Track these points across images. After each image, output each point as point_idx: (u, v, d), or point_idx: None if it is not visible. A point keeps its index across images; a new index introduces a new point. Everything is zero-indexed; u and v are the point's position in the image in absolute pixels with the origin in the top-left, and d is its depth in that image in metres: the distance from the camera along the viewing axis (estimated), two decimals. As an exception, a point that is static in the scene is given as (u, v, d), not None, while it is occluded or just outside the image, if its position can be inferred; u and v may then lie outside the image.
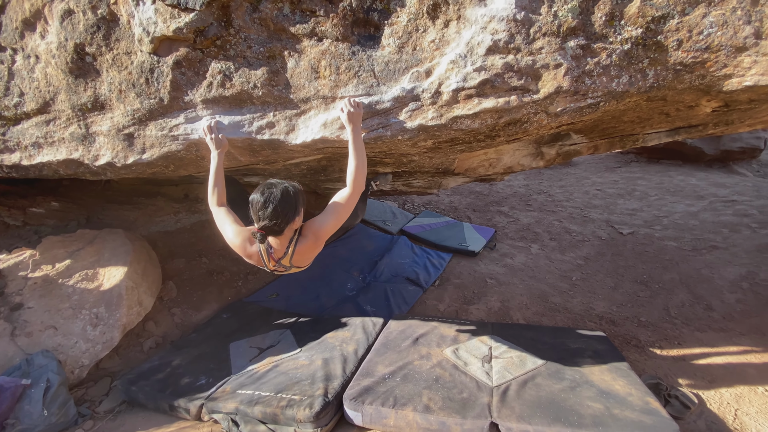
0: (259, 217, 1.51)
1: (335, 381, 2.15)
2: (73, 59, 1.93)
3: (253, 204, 1.54)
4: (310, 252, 1.68)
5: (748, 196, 5.44)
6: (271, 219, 1.50)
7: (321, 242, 1.68)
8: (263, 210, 1.49)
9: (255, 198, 1.53)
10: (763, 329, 2.92)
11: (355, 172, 1.64)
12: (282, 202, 1.51)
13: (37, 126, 2.15)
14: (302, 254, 1.67)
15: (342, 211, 1.64)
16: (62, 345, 2.56)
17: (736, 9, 1.48)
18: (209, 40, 1.75)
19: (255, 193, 1.55)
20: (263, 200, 1.50)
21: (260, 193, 1.52)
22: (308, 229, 1.65)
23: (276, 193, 1.51)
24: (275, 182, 1.58)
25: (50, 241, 3.14)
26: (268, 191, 1.52)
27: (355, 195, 1.66)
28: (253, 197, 1.55)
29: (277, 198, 1.50)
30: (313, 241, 1.64)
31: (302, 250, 1.65)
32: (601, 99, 1.64)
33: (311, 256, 1.73)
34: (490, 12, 1.52)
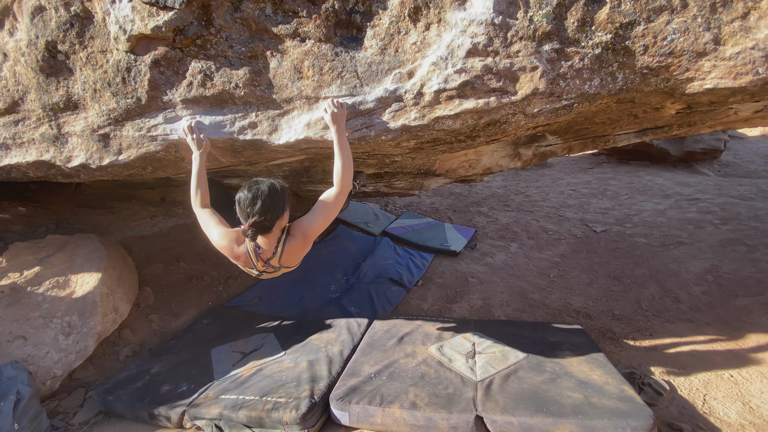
0: (248, 213, 1.50)
1: (321, 382, 2.15)
2: (44, 57, 1.87)
3: (240, 202, 1.52)
4: (299, 251, 1.68)
5: (711, 194, 5.75)
6: (261, 215, 1.49)
7: (309, 241, 1.68)
8: (252, 206, 1.48)
9: (242, 195, 1.52)
10: (727, 319, 3.09)
11: (342, 171, 1.65)
12: (270, 197, 1.51)
13: (4, 126, 2.06)
14: (291, 254, 1.66)
15: (330, 209, 1.65)
16: (32, 356, 2.44)
17: (696, 17, 1.58)
18: (189, 39, 1.73)
19: (241, 191, 1.54)
20: (251, 196, 1.49)
21: (247, 190, 1.52)
22: (296, 229, 1.65)
23: (263, 189, 1.51)
24: (260, 179, 1.58)
25: (17, 248, 3.00)
26: (255, 187, 1.51)
27: (342, 194, 1.67)
28: (240, 195, 1.54)
29: (265, 193, 1.50)
30: (301, 241, 1.64)
31: (291, 249, 1.64)
32: (575, 100, 1.72)
33: (300, 255, 1.73)
34: (469, 16, 1.57)
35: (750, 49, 1.58)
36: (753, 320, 3.03)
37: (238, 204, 1.54)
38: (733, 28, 1.58)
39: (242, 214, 1.54)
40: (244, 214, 1.52)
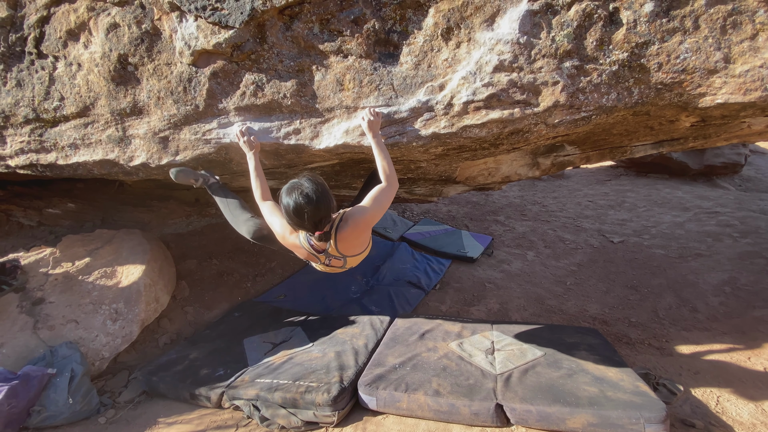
0: (299, 222, 1.57)
1: (349, 370, 2.30)
2: (116, 68, 2.11)
3: (290, 209, 1.55)
4: (353, 239, 1.69)
5: (730, 208, 5.74)
6: (313, 220, 1.55)
7: (363, 229, 1.70)
8: (301, 215, 1.53)
9: (290, 203, 1.55)
10: (743, 329, 3.13)
11: (387, 169, 1.77)
12: (318, 200, 1.54)
13: (75, 128, 2.31)
14: (346, 242, 1.68)
15: (383, 201, 1.71)
16: (83, 338, 2.67)
17: (707, 37, 1.72)
18: (245, 54, 1.95)
19: (288, 197, 1.56)
20: (303, 201, 1.52)
21: (298, 195, 1.54)
22: (348, 217, 1.69)
23: (311, 195, 1.54)
24: (301, 182, 1.58)
25: (70, 240, 3.27)
26: (299, 192, 1.54)
27: (391, 188, 1.74)
28: (287, 202, 1.56)
29: (313, 200, 1.53)
30: (352, 228, 1.66)
31: (344, 237, 1.66)
32: (593, 113, 1.86)
33: (357, 243, 1.74)
34: (496, 36, 1.74)
35: (758, 67, 1.70)
36: (770, 331, 3.06)
37: (287, 211, 1.57)
38: (742, 48, 1.71)
39: (292, 221, 1.59)
40: (294, 221, 1.58)
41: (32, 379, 2.29)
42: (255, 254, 4.32)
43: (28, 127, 2.39)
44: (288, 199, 1.57)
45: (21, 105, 2.33)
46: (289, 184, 1.62)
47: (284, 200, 1.59)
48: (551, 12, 1.73)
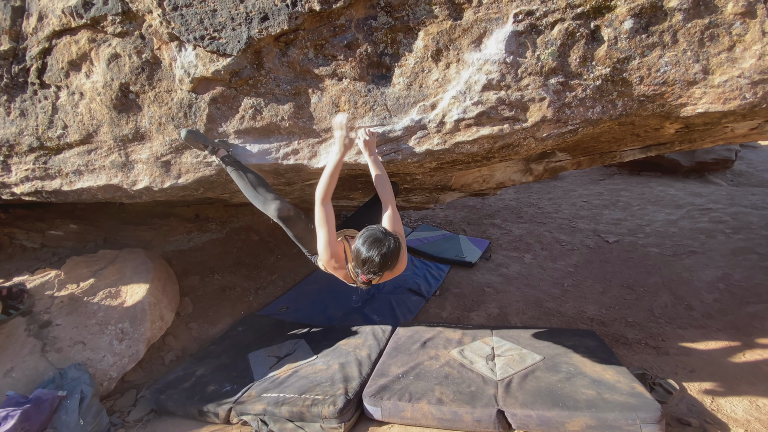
0: (369, 271, 1.64)
1: (353, 382, 2.35)
2: (117, 96, 2.18)
3: (365, 261, 1.62)
4: (398, 270, 1.79)
5: (723, 204, 5.83)
6: (379, 272, 1.65)
7: (404, 257, 1.79)
8: (375, 269, 1.63)
9: (369, 257, 1.61)
10: (738, 325, 3.20)
11: (385, 185, 1.88)
12: (391, 258, 1.64)
13: (78, 155, 2.37)
14: (393, 273, 1.77)
15: (398, 218, 1.89)
16: (91, 359, 2.71)
17: (686, 50, 1.80)
18: (243, 80, 2.02)
19: (366, 249, 1.62)
20: (379, 261, 1.61)
21: (377, 254, 1.61)
22: None
23: (388, 255, 1.62)
24: (384, 239, 1.64)
25: (74, 262, 3.31)
26: (379, 251, 1.61)
27: (395, 204, 1.90)
28: (367, 256, 1.62)
29: (389, 258, 1.63)
30: (400, 264, 1.75)
31: (393, 272, 1.75)
32: (580, 125, 1.94)
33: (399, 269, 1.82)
34: (484, 56, 1.82)
35: (737, 77, 1.79)
36: (764, 326, 3.13)
37: (358, 256, 1.64)
38: (720, 59, 1.79)
39: (361, 267, 1.65)
40: (364, 268, 1.64)
41: (44, 402, 2.34)
42: (256, 267, 4.37)
43: (32, 155, 2.45)
44: (365, 250, 1.64)
45: (25, 134, 2.39)
46: (372, 232, 1.68)
47: (361, 248, 1.65)
48: (535, 32, 1.81)
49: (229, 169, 2.13)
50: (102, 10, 2.05)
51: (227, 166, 2.13)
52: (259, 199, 2.06)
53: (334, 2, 1.83)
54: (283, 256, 4.74)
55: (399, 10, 1.86)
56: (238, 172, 2.11)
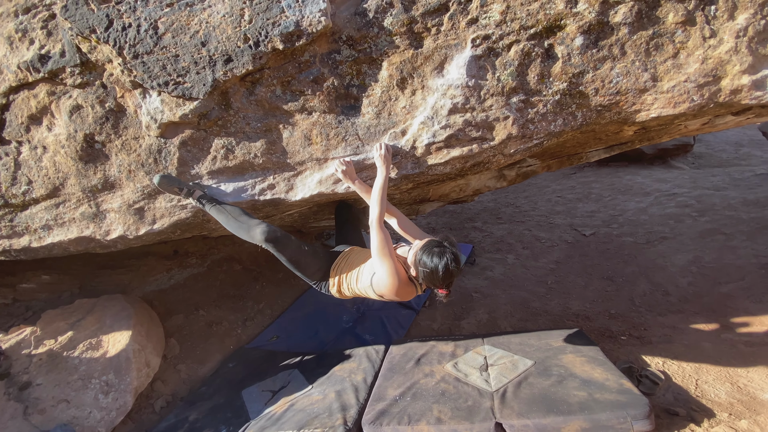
0: (443, 282, 1.75)
1: (351, 410, 2.34)
2: (82, 147, 2.14)
3: (442, 271, 1.70)
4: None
5: (687, 188, 6.12)
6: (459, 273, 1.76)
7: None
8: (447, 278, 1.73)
9: (441, 267, 1.70)
10: (713, 307, 3.36)
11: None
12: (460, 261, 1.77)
13: (46, 209, 2.30)
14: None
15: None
16: (77, 417, 2.60)
17: (634, 61, 1.91)
18: (212, 121, 2.02)
19: (436, 259, 1.71)
20: (455, 267, 1.73)
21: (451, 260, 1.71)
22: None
23: (459, 257, 1.76)
24: (447, 246, 1.76)
25: (49, 315, 3.18)
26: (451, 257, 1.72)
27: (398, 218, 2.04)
28: (438, 266, 1.71)
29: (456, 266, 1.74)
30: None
31: None
32: (544, 138, 2.02)
33: None
34: (447, 81, 1.88)
35: (683, 82, 1.90)
36: (736, 305, 3.30)
37: (434, 272, 1.71)
38: (666, 66, 1.91)
39: (434, 280, 1.74)
40: (438, 282, 1.74)
41: (28, 470, 2.23)
42: (242, 298, 4.30)
43: (-4, 213, 2.36)
44: (437, 260, 1.71)
45: (-13, 193, 2.31)
46: (431, 245, 1.78)
47: (431, 261, 1.72)
48: (493, 54, 1.89)
49: (207, 207, 2.11)
50: (59, 63, 2.02)
51: (205, 205, 2.11)
52: (243, 228, 2.02)
53: (297, 40, 1.86)
54: (268, 284, 4.68)
55: (361, 43, 1.90)
56: (217, 208, 2.09)
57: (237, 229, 2.05)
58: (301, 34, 1.83)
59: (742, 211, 4.87)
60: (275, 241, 1.95)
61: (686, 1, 1.83)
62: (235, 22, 1.85)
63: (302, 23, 1.82)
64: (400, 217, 2.05)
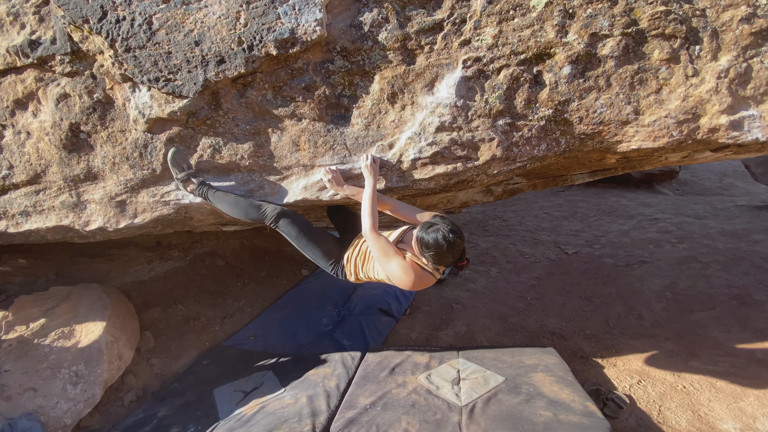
0: (452, 254, 1.74)
1: (321, 416, 2.35)
2: (67, 136, 2.12)
3: (446, 245, 1.70)
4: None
5: (669, 213, 6.27)
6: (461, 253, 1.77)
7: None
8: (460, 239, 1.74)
9: (441, 239, 1.70)
10: (683, 333, 3.44)
11: (382, 198, 1.97)
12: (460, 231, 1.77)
13: (26, 195, 2.27)
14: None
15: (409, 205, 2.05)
16: (43, 406, 2.56)
17: (618, 93, 1.97)
18: (200, 120, 2.02)
19: (435, 237, 1.71)
20: (451, 240, 1.71)
21: (443, 233, 1.71)
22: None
23: (452, 226, 1.75)
24: (436, 224, 1.75)
25: (23, 301, 3.12)
26: (444, 231, 1.71)
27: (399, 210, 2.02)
28: (438, 241, 1.70)
29: (456, 229, 1.76)
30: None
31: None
32: (527, 162, 2.07)
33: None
34: (436, 100, 1.92)
35: (664, 117, 1.96)
36: (706, 333, 3.39)
37: (437, 251, 1.71)
38: (649, 101, 1.97)
39: (444, 259, 1.74)
40: (448, 257, 1.73)
41: (-12, 459, 2.19)
42: (222, 294, 4.27)
43: (-27, 195, 2.32)
44: (434, 236, 1.72)
45: (-35, 174, 2.27)
46: (424, 227, 1.77)
47: (430, 240, 1.72)
48: (483, 77, 1.92)
49: (210, 193, 2.10)
50: (50, 50, 2.00)
51: (207, 191, 2.10)
52: (252, 206, 2.05)
53: (291, 47, 1.87)
54: (250, 281, 4.65)
55: (355, 55, 1.93)
56: (222, 192, 2.10)
57: (246, 208, 2.05)
58: (295, 42, 1.85)
59: (719, 241, 5.00)
60: (286, 215, 2.03)
61: (672, 40, 1.89)
62: (230, 24, 1.86)
63: (297, 31, 1.83)
64: (393, 204, 2.02)
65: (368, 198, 1.88)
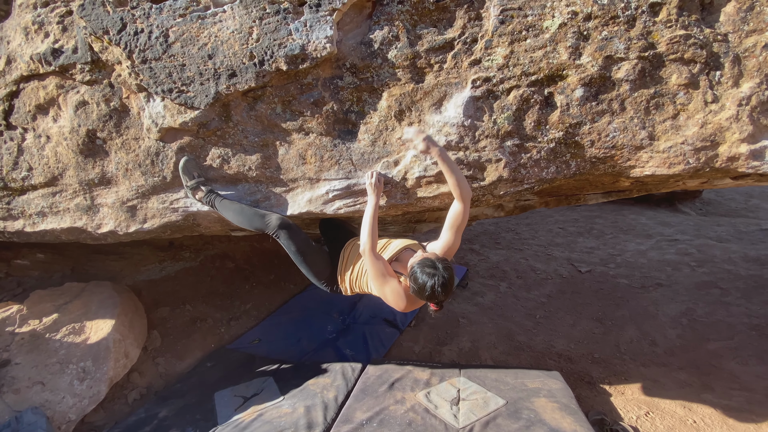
0: (438, 299, 1.71)
1: (317, 429, 2.34)
2: (84, 142, 2.19)
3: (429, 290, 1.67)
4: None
5: (690, 235, 6.05)
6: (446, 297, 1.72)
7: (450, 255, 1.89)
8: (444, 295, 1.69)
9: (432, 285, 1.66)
10: (697, 363, 3.31)
11: (459, 184, 1.77)
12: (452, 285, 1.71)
13: (43, 197, 2.35)
14: None
15: (462, 223, 1.85)
16: (49, 401, 2.63)
17: (633, 118, 1.91)
18: (211, 131, 2.06)
19: (430, 280, 1.67)
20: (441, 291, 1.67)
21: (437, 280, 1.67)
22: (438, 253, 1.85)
23: (446, 283, 1.69)
24: (440, 268, 1.69)
25: (38, 295, 3.23)
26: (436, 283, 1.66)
27: (467, 206, 1.83)
28: (426, 285, 1.67)
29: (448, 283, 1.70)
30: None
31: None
32: (535, 184, 2.03)
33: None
34: (443, 119, 1.90)
35: (680, 144, 1.90)
36: (722, 365, 3.24)
37: (419, 290, 1.69)
38: (665, 126, 1.91)
39: (430, 298, 1.70)
40: (434, 298, 1.70)
41: (-6, 450, 2.26)
42: (230, 296, 4.33)
43: (-5, 194, 2.42)
44: (425, 279, 1.68)
45: (-12, 174, 2.37)
46: (425, 263, 1.73)
47: (421, 279, 1.69)
48: (492, 97, 1.90)
49: (217, 201, 2.14)
50: (71, 59, 2.07)
51: (215, 199, 2.14)
52: (257, 216, 2.08)
53: (301, 63, 1.89)
54: (258, 284, 4.70)
55: (364, 72, 1.93)
56: (228, 201, 2.14)
57: (251, 217, 2.08)
58: (305, 58, 1.87)
59: (741, 267, 4.80)
60: (289, 227, 2.06)
61: (691, 64, 1.84)
62: (243, 39, 1.89)
63: (308, 47, 1.85)
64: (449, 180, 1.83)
65: (369, 217, 1.88)
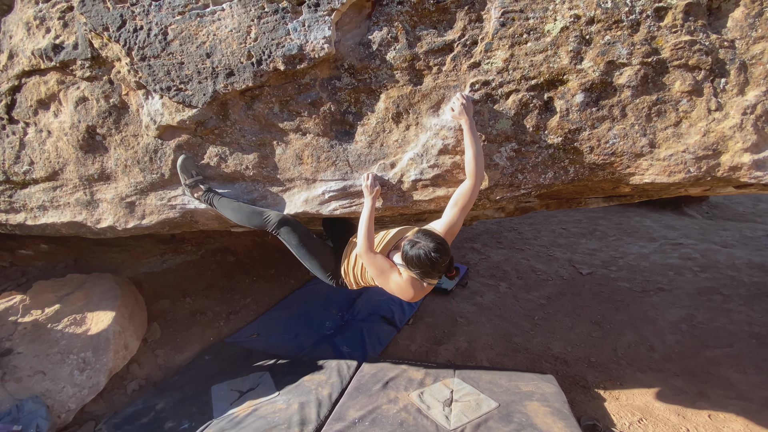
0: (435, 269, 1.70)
1: (310, 425, 2.37)
2: (84, 137, 2.20)
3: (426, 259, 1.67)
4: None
5: (694, 239, 5.99)
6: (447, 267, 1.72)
7: (453, 236, 1.87)
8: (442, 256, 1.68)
9: (425, 252, 1.66)
10: (695, 370, 3.29)
11: (475, 160, 1.74)
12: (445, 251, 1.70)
13: (44, 191, 2.38)
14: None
15: (468, 203, 1.82)
16: (50, 390, 2.69)
17: (634, 124, 1.88)
18: (208, 129, 2.06)
19: (420, 251, 1.67)
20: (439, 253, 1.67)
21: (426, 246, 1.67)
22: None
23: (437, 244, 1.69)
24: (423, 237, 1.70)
25: (40, 286, 3.29)
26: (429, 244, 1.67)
27: (476, 186, 1.79)
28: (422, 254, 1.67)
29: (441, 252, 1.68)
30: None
31: None
32: (532, 189, 2.01)
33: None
34: (441, 122, 1.89)
35: (681, 152, 1.87)
36: (719, 373, 3.22)
37: (422, 262, 1.67)
38: (666, 134, 1.88)
39: (433, 267, 1.69)
40: (436, 265, 1.69)
41: (-4, 437, 2.32)
42: (230, 290, 4.37)
43: (-3, 187, 2.45)
44: (415, 252, 1.69)
45: (-9, 167, 2.40)
46: (407, 245, 1.74)
47: (414, 256, 1.69)
48: (491, 101, 1.88)
49: (215, 199, 2.16)
50: (71, 55, 2.08)
51: (213, 197, 2.16)
52: (256, 212, 2.10)
53: (299, 63, 1.88)
54: (259, 278, 4.74)
55: (362, 73, 1.92)
56: (226, 199, 2.15)
57: (249, 215, 2.10)
58: (303, 58, 1.86)
59: (744, 274, 4.74)
60: (288, 223, 2.08)
61: (696, 71, 1.80)
62: (241, 38, 1.88)
63: (306, 48, 1.84)
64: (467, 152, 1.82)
65: (365, 219, 1.88)
